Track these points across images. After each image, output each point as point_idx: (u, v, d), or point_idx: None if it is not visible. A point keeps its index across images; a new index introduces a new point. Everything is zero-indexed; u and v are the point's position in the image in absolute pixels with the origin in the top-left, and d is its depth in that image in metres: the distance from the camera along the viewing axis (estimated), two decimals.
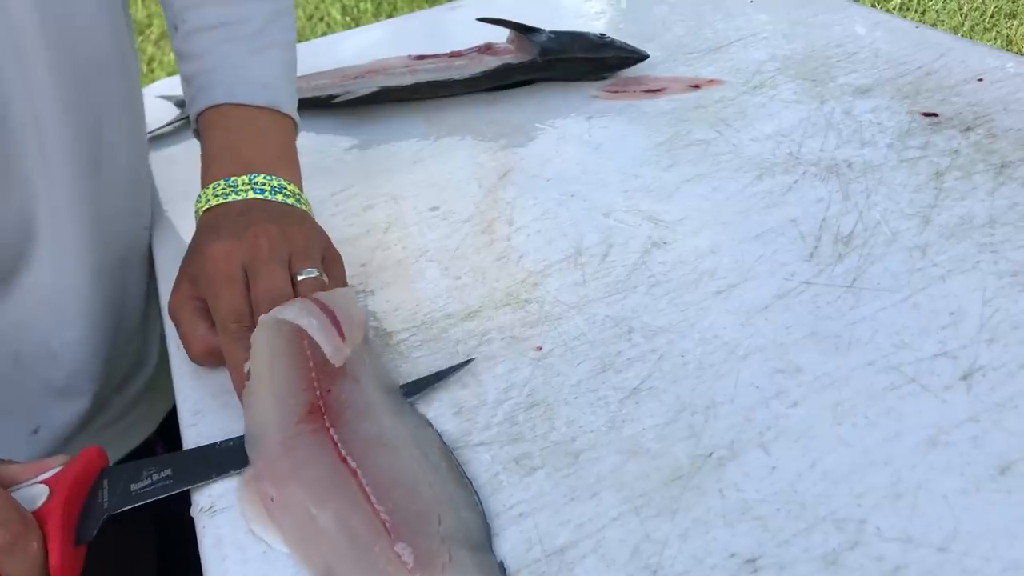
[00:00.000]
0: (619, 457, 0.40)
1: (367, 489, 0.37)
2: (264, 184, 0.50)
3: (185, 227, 0.61)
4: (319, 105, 0.71)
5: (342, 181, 0.63)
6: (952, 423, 0.39)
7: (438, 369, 0.45)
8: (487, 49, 0.73)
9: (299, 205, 0.51)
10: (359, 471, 0.38)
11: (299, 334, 0.42)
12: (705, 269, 0.50)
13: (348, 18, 2.85)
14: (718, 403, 0.42)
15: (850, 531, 0.35)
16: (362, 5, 2.91)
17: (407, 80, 0.70)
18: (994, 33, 2.46)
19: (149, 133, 0.72)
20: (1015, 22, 2.48)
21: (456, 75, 0.70)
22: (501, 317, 0.49)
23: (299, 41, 0.84)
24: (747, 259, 0.50)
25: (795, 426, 0.40)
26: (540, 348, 0.46)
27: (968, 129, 0.59)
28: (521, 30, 0.71)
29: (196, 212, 0.51)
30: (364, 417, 0.41)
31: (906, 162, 0.57)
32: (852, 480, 0.37)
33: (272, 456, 0.40)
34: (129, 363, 0.60)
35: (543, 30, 0.71)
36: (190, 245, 0.49)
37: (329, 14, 2.88)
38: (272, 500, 0.38)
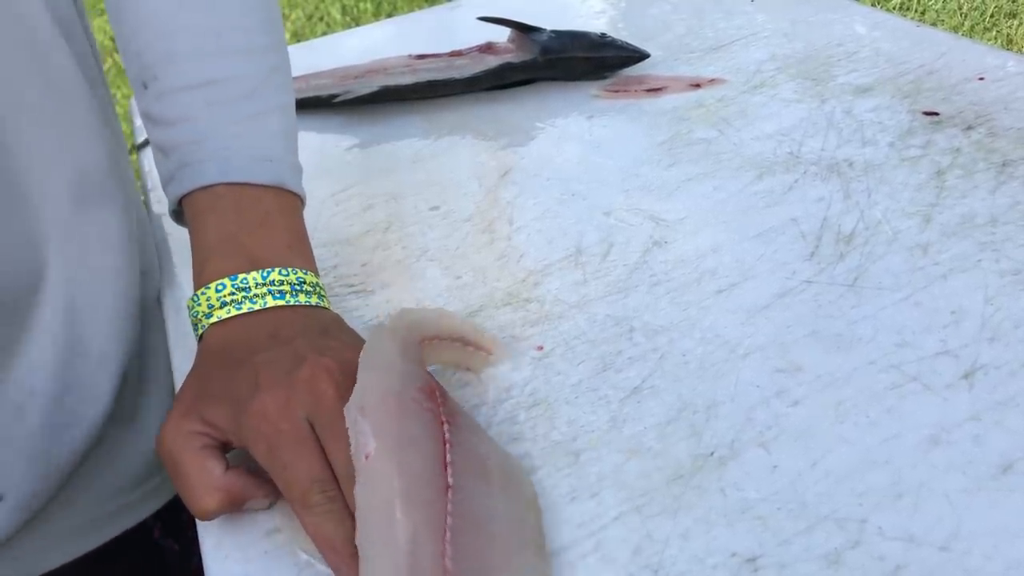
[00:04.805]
0: (620, 456, 0.40)
1: (447, 522, 0.34)
2: (282, 282, 0.42)
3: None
4: (319, 105, 0.71)
5: (342, 181, 0.63)
6: (954, 422, 0.39)
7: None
8: (488, 48, 0.73)
9: (323, 303, 0.44)
10: (451, 493, 0.35)
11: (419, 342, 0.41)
12: (706, 268, 0.50)
13: (348, 18, 2.86)
14: (719, 402, 0.42)
15: (851, 530, 0.35)
16: (362, 5, 2.91)
17: (407, 80, 0.70)
18: (994, 32, 2.46)
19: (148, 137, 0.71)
20: (1015, 21, 2.48)
21: (457, 74, 0.70)
22: (502, 316, 0.49)
23: (299, 41, 0.84)
24: (748, 258, 0.50)
25: (796, 425, 0.40)
26: (541, 347, 0.46)
27: (969, 128, 0.59)
28: (522, 29, 0.71)
29: (193, 314, 0.43)
30: (473, 429, 0.39)
31: (907, 161, 0.57)
32: (853, 479, 0.37)
33: (387, 402, 0.36)
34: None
35: (544, 29, 0.71)
36: (200, 373, 0.41)
37: (329, 14, 2.88)
38: (366, 458, 0.34)
